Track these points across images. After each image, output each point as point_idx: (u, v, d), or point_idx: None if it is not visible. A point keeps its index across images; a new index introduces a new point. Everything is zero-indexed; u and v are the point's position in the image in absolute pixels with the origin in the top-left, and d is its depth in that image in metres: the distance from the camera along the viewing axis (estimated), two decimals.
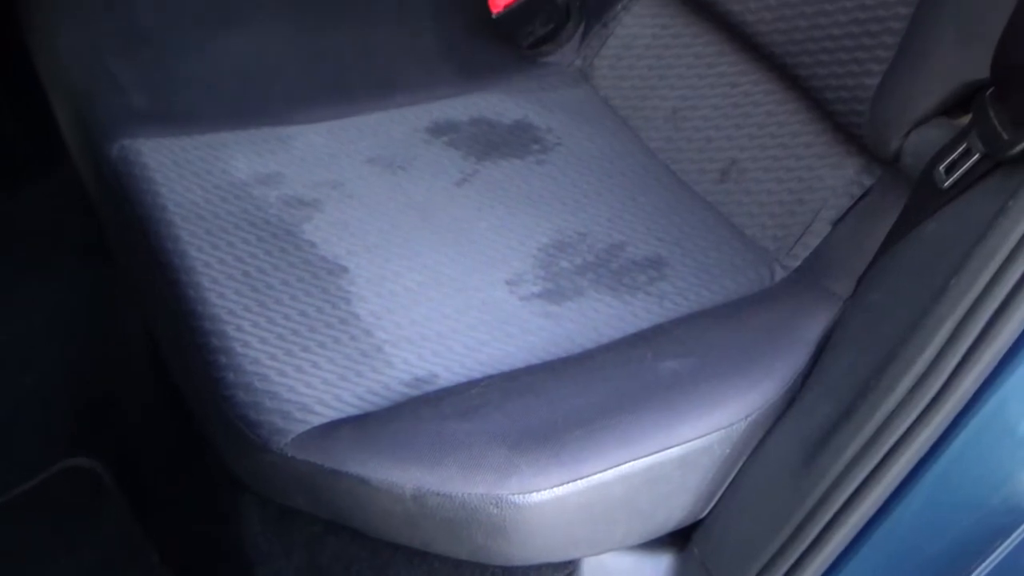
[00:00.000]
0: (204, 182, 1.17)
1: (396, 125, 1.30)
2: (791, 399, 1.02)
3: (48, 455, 1.39)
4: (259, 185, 1.19)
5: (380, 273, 1.11)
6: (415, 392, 1.00)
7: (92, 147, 1.23)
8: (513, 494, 0.89)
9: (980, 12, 0.98)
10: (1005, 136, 0.92)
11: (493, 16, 1.38)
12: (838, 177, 1.18)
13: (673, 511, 1.00)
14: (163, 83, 1.29)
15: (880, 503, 0.92)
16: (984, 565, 0.98)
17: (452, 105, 1.35)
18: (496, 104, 1.36)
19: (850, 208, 1.15)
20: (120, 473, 1.38)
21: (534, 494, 0.90)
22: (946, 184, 0.97)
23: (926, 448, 0.90)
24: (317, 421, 0.95)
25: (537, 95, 1.38)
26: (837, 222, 1.15)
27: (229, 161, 1.20)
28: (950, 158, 0.98)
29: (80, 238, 1.51)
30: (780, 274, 1.17)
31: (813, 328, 1.06)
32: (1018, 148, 0.90)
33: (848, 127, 1.15)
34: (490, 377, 1.01)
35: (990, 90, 0.96)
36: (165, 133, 1.22)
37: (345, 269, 1.11)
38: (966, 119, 1.02)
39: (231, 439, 0.98)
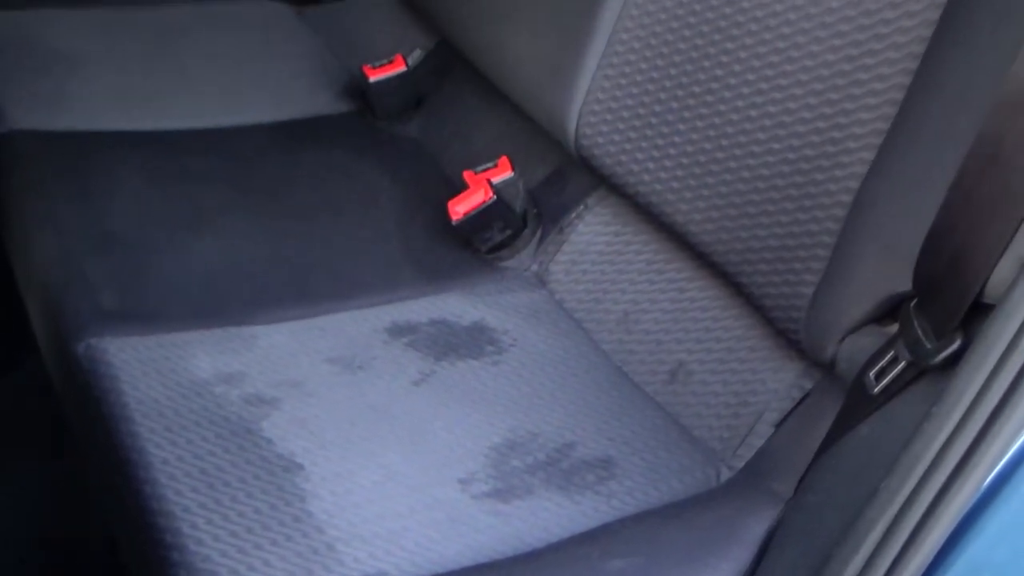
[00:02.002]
0: (167, 380, 1.20)
1: (357, 325, 1.35)
2: None
3: None
4: (221, 383, 1.23)
5: (335, 471, 1.14)
6: None
7: (60, 345, 1.27)
8: None
9: (900, 228, 1.05)
10: (928, 345, 0.97)
11: (453, 223, 1.45)
12: (780, 380, 1.23)
13: None
14: (132, 283, 1.34)
15: None
16: None
17: (412, 307, 1.40)
18: (455, 306, 1.41)
19: (791, 411, 1.20)
20: None
21: None
22: (876, 390, 1.02)
23: None
24: None
25: (495, 298, 1.43)
26: (779, 424, 1.20)
27: (192, 360, 1.24)
28: (879, 365, 1.03)
29: (44, 435, 1.53)
30: (726, 474, 1.21)
31: (757, 528, 1.09)
32: (940, 356, 0.95)
33: (787, 333, 1.20)
34: None
35: (914, 301, 1.02)
36: (132, 332, 1.26)
37: (301, 467, 1.14)
38: (895, 327, 1.07)
39: None
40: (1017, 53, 0.90)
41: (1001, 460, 0.88)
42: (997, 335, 0.88)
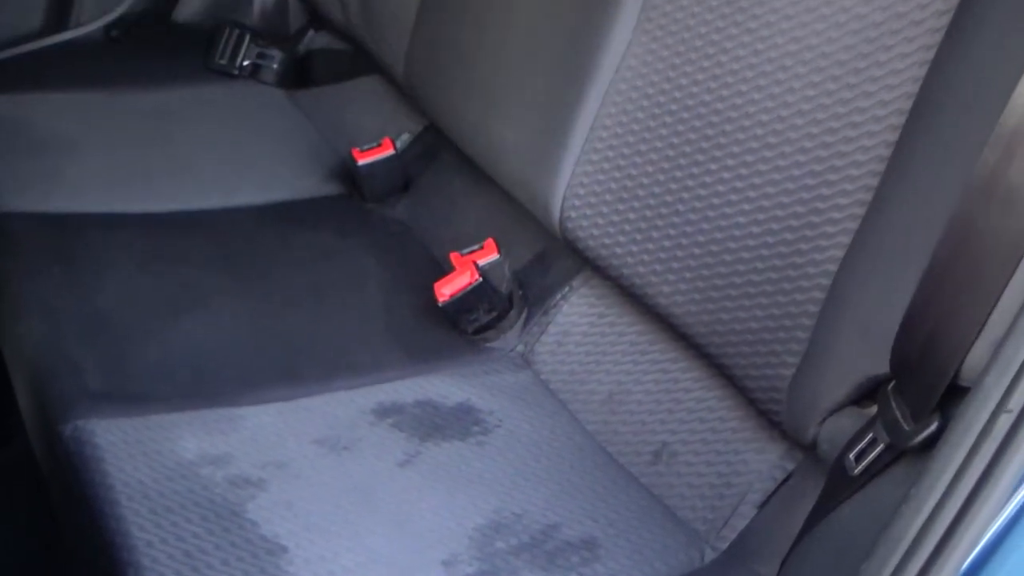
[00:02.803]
0: (153, 462, 1.21)
1: (343, 407, 1.36)
2: None
3: None
4: (207, 465, 1.23)
5: (319, 553, 1.14)
6: None
7: (47, 427, 1.27)
8: None
9: (877, 311, 1.07)
10: (906, 427, 0.99)
11: (439, 305, 1.47)
12: (763, 461, 1.24)
13: None
14: (120, 365, 1.35)
15: None
16: None
17: (398, 387, 1.41)
18: (440, 387, 1.42)
19: (774, 492, 1.21)
20: None
21: None
22: (856, 471, 1.03)
23: None
24: None
25: (480, 379, 1.44)
26: (762, 505, 1.20)
27: (178, 442, 1.25)
28: (859, 447, 1.05)
29: (28, 515, 1.53)
30: (710, 555, 1.21)
31: None
32: (918, 439, 0.97)
33: (769, 414, 1.21)
34: None
35: (891, 383, 1.04)
36: (119, 414, 1.27)
37: (285, 549, 1.14)
38: (874, 408, 1.09)
39: None
40: (984, 142, 0.93)
41: (979, 543, 0.89)
42: (973, 418, 0.89)
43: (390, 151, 1.74)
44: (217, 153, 1.81)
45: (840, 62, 1.15)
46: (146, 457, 1.22)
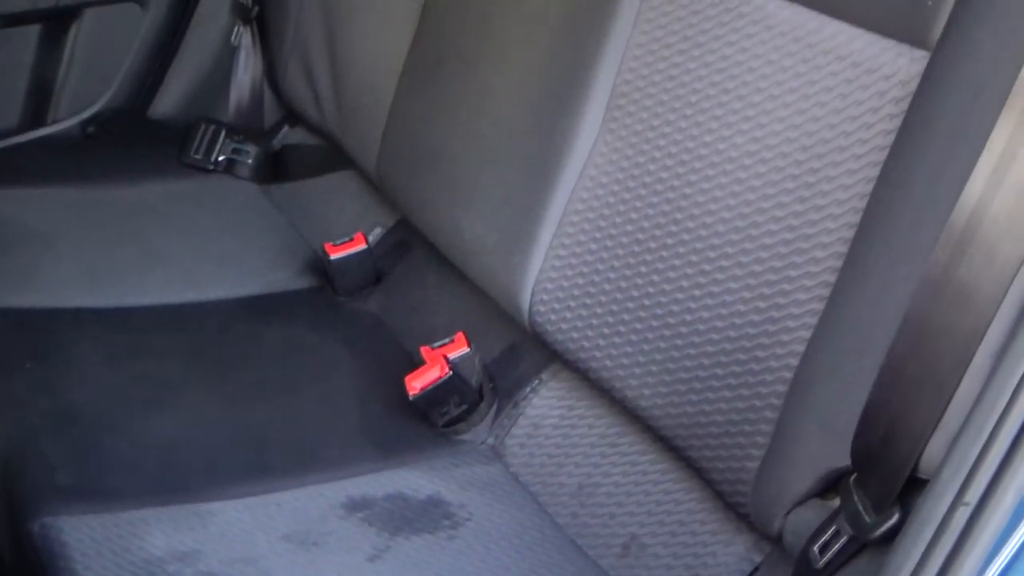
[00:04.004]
0: (121, 560, 1.21)
1: (313, 501, 1.36)
2: None
3: None
4: (175, 562, 1.23)
5: None
6: None
7: (14, 523, 1.27)
8: None
9: (837, 405, 1.09)
10: (868, 519, 1.00)
11: (410, 398, 1.48)
12: (730, 554, 1.24)
13: None
14: (89, 461, 1.36)
15: None
16: None
17: (368, 481, 1.41)
18: (411, 480, 1.43)
19: None
20: None
21: None
22: (820, 564, 1.04)
23: None
24: None
25: (451, 472, 1.45)
26: None
27: (147, 538, 1.25)
28: (823, 539, 1.06)
29: None
30: None
31: None
32: (879, 531, 0.98)
33: (736, 506, 1.23)
34: None
35: (853, 475, 1.06)
36: (87, 510, 1.27)
37: None
38: (838, 500, 1.10)
39: None
40: (936, 241, 0.96)
41: None
42: (932, 510, 0.91)
43: (362, 245, 1.76)
44: (192, 247, 1.83)
45: (797, 162, 1.19)
46: (114, 555, 1.21)
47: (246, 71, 2.12)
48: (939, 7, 1.07)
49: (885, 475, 1.00)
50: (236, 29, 2.11)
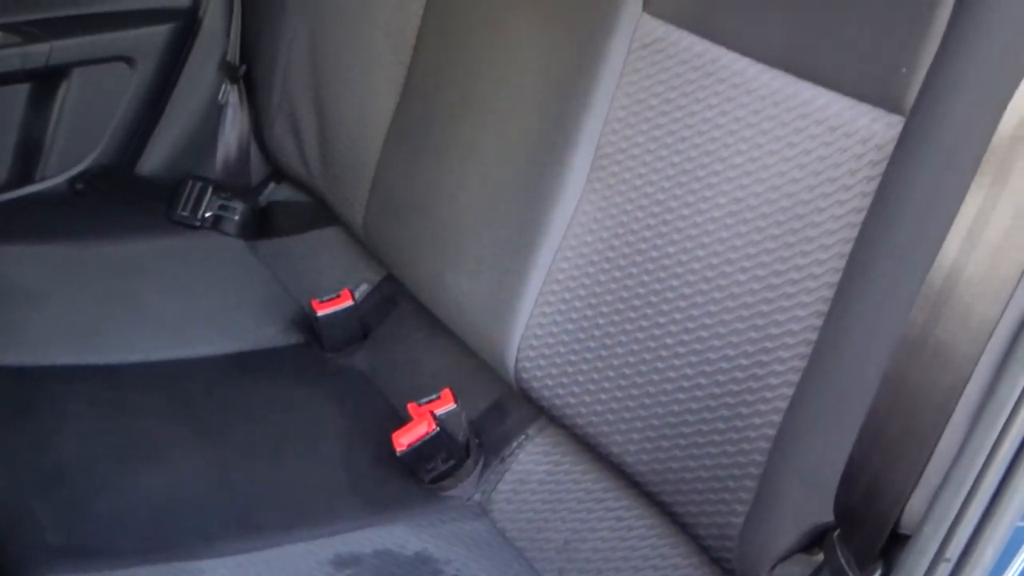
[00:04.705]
0: None
1: (301, 559, 1.37)
2: None
3: None
4: None
5: None
6: None
7: None
8: None
9: (820, 462, 1.11)
10: (851, 574, 1.02)
11: (398, 454, 1.49)
12: None
13: None
14: (79, 520, 1.36)
15: None
16: None
17: (356, 538, 1.42)
18: (399, 537, 1.43)
19: None
20: None
21: None
22: None
23: None
24: None
25: (438, 528, 1.46)
26: None
27: None
28: None
29: None
30: None
31: None
32: None
33: (721, 561, 1.24)
34: None
35: (837, 531, 1.07)
36: (77, 570, 1.27)
37: None
38: (822, 555, 1.12)
39: None
40: (914, 300, 0.99)
41: None
42: (913, 566, 0.93)
43: (349, 302, 1.78)
44: (179, 304, 1.84)
45: (778, 222, 1.21)
46: None
47: (233, 129, 2.15)
48: (913, 74, 1.10)
49: (868, 531, 1.02)
50: (223, 87, 2.13)
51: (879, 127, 1.13)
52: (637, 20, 1.39)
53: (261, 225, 2.09)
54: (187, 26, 2.11)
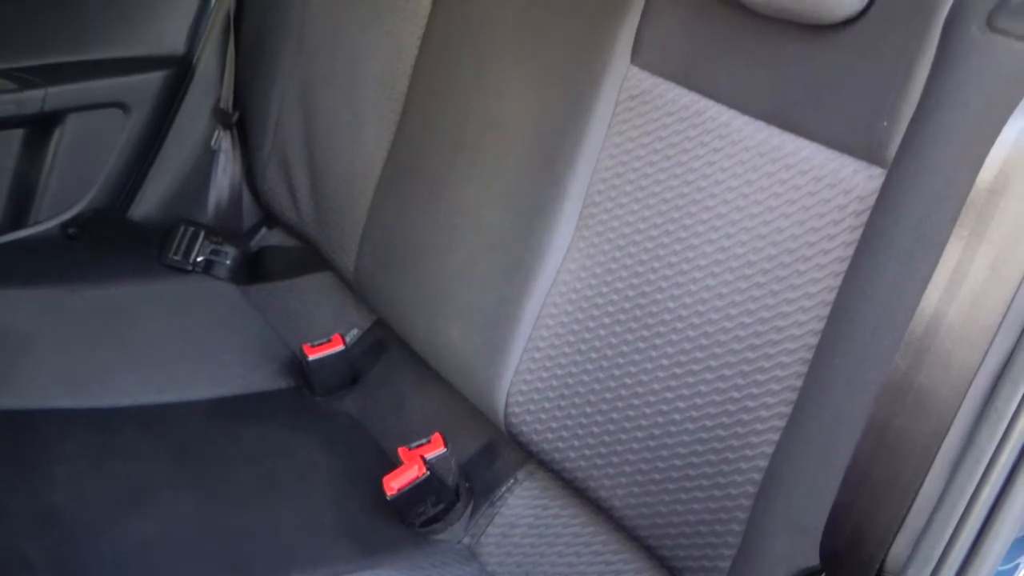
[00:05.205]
0: None
1: None
2: None
3: None
4: None
5: None
6: None
7: None
8: None
9: (806, 506, 1.13)
10: None
11: (388, 498, 1.50)
12: None
13: None
14: (71, 562, 1.36)
15: None
16: None
17: None
18: None
19: None
20: None
21: None
22: None
23: None
24: None
25: (428, 572, 1.47)
26: None
27: None
28: None
29: None
30: None
31: None
32: None
33: None
34: None
35: (823, 574, 1.09)
36: None
37: None
38: None
39: None
40: (896, 347, 1.01)
41: None
42: None
43: (339, 347, 1.80)
44: (170, 348, 1.85)
45: (764, 270, 1.24)
46: None
47: (225, 174, 2.17)
48: (894, 127, 1.13)
49: (853, 574, 1.03)
50: (216, 133, 2.16)
51: (861, 179, 1.16)
52: (625, 72, 1.42)
53: (253, 270, 2.11)
54: (181, 73, 2.14)
